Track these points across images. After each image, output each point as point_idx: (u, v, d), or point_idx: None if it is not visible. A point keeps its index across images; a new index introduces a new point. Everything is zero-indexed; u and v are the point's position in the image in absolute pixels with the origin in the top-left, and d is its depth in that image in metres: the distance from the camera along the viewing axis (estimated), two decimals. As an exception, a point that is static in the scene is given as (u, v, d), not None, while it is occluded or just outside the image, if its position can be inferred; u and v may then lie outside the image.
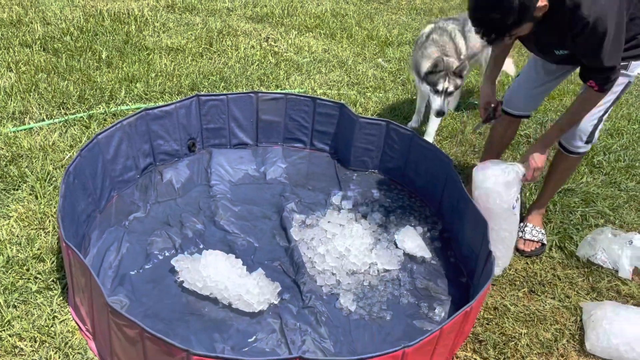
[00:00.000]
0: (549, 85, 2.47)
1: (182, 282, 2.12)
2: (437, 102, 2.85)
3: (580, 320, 2.15)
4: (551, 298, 2.25)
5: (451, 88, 2.81)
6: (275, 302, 2.09)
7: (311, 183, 2.83)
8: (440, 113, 2.82)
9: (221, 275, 2.08)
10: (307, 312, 2.06)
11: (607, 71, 1.97)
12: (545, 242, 2.51)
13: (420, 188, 2.76)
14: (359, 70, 4.05)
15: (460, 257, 2.37)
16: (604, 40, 1.86)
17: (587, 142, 2.32)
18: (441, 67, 2.75)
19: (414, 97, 3.74)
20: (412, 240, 2.41)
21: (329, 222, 2.48)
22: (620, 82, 2.14)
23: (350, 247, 2.34)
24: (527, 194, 2.85)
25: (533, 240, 2.51)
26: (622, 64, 2.02)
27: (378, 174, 2.93)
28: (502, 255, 2.31)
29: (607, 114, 2.26)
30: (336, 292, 2.18)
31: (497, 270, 2.34)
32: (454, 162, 3.06)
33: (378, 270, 2.30)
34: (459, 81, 2.82)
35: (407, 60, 4.29)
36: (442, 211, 2.61)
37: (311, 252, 2.33)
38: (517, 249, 2.48)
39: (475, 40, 3.11)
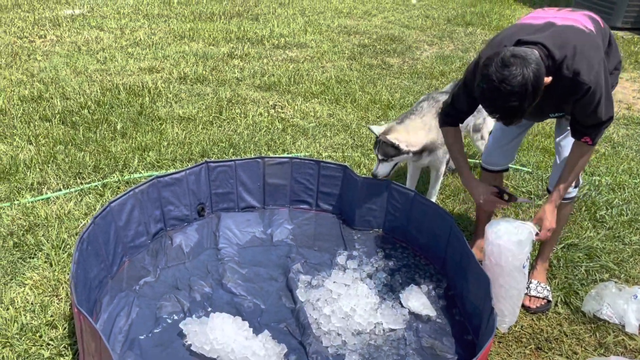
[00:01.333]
0: (520, 138, 2.64)
1: (190, 345, 2.16)
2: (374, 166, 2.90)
3: (589, 376, 2.13)
4: (558, 355, 2.24)
5: (380, 156, 2.82)
6: (282, 364, 2.11)
7: (317, 243, 2.90)
8: (373, 175, 2.87)
9: (228, 337, 2.12)
10: (313, 373, 2.07)
11: (604, 124, 2.10)
12: (550, 298, 2.52)
13: (424, 246, 2.80)
14: (362, 132, 4.19)
15: (466, 315, 2.38)
16: (601, 100, 2.01)
17: (576, 187, 2.42)
18: (375, 135, 2.86)
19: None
20: (417, 298, 2.44)
21: (334, 282, 2.52)
22: None
23: (356, 307, 2.37)
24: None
25: (538, 297, 2.52)
26: None
27: (382, 233, 2.99)
28: (509, 313, 2.32)
29: None
30: (342, 352, 2.19)
31: (504, 328, 2.34)
32: (457, 220, 3.12)
33: (384, 330, 2.31)
34: (390, 150, 2.78)
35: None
36: (446, 268, 2.64)
37: (317, 313, 2.36)
38: (523, 306, 2.49)
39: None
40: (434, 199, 3.11)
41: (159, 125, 4.04)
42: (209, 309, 2.37)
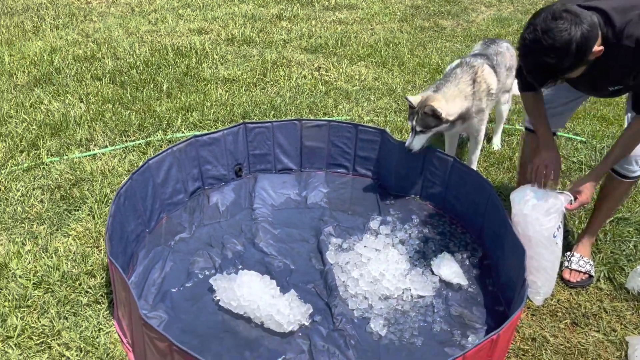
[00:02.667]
0: (572, 105, 2.45)
1: (219, 300, 2.21)
2: (409, 137, 2.73)
3: (626, 355, 2.03)
4: (595, 331, 2.15)
5: (420, 128, 2.66)
6: (306, 324, 2.13)
7: (351, 207, 2.87)
8: (407, 149, 2.71)
9: (254, 295, 2.15)
10: (336, 334, 2.08)
11: None
12: (593, 273, 2.40)
13: (461, 214, 2.72)
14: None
15: (499, 285, 2.31)
16: None
17: None
18: (411, 105, 2.66)
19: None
20: (449, 266, 2.39)
21: (365, 246, 2.50)
22: None
23: (385, 271, 2.34)
24: (576, 222, 2.74)
25: (580, 271, 2.40)
26: None
27: (419, 200, 2.92)
28: (542, 284, 2.23)
29: None
30: (367, 316, 2.18)
31: (538, 300, 2.26)
32: (498, 189, 3.00)
33: (411, 296, 2.28)
34: (430, 121, 2.63)
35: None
36: (482, 238, 2.56)
37: (345, 276, 2.36)
38: (562, 279, 2.39)
39: (506, 77, 3.05)
40: (474, 166, 2.99)
41: (204, 86, 4.08)
42: (240, 267, 2.42)
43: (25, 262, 2.35)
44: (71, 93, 3.87)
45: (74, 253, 2.43)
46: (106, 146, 3.27)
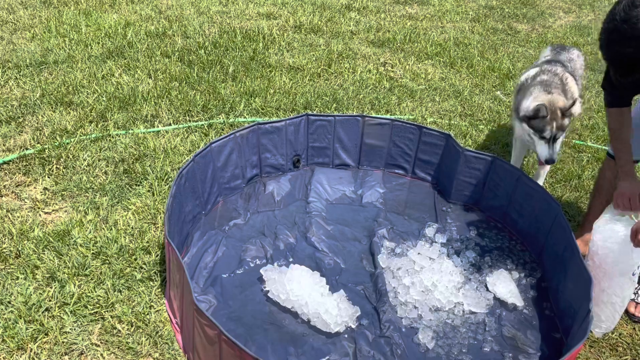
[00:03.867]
0: None
1: (268, 291, 2.21)
2: (543, 149, 2.52)
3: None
4: (658, 373, 2.02)
5: (560, 134, 2.51)
6: (353, 326, 2.10)
7: (407, 211, 2.81)
8: (549, 161, 2.55)
9: (303, 291, 2.14)
10: (383, 341, 2.04)
11: None
12: None
13: (523, 231, 2.62)
14: (474, 101, 3.95)
15: (557, 311, 2.21)
16: None
17: None
18: (544, 113, 2.47)
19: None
20: (505, 284, 2.30)
21: (418, 253, 2.45)
22: None
23: (438, 282, 2.28)
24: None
25: None
26: None
27: (479, 211, 2.83)
28: (606, 319, 2.12)
29: None
30: (416, 326, 2.13)
31: (598, 333, 2.15)
32: (564, 208, 2.87)
33: (463, 311, 2.22)
34: (567, 121, 2.54)
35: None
36: (543, 258, 2.45)
37: (396, 282, 2.31)
38: (626, 312, 2.26)
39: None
40: (541, 181, 2.86)
41: (268, 72, 4.08)
42: (290, 259, 2.41)
43: (86, 231, 2.43)
44: (141, 68, 3.96)
45: (132, 227, 2.49)
46: (170, 124, 3.32)
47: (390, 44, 4.88)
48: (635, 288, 2.30)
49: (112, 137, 3.11)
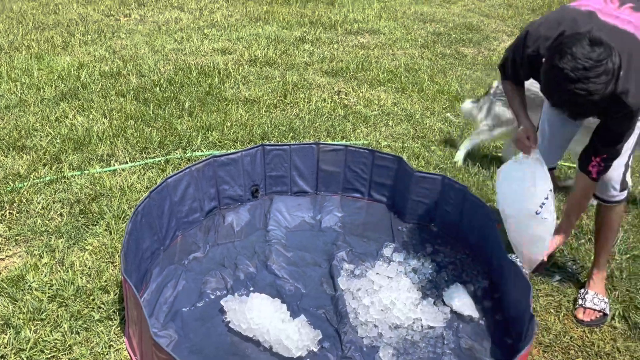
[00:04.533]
0: (570, 138, 2.49)
1: (229, 322, 2.22)
2: None
3: (640, 399, 1.98)
4: (608, 372, 2.11)
5: None
6: (315, 350, 2.12)
7: (365, 233, 2.87)
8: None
9: (264, 318, 2.16)
10: (344, 362, 2.07)
11: (613, 154, 2.02)
12: (607, 311, 2.36)
13: (474, 245, 2.71)
14: (425, 123, 4.09)
15: (509, 318, 2.28)
16: (630, 126, 1.94)
17: (622, 190, 2.28)
18: None
19: (481, 151, 3.71)
20: (460, 298, 2.37)
21: (377, 273, 2.50)
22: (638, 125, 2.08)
23: (396, 300, 2.33)
24: (587, 258, 2.70)
25: (594, 309, 2.36)
26: None
27: (433, 228, 2.91)
28: (526, 260, 2.27)
29: (631, 159, 2.26)
30: (377, 344, 2.17)
31: (526, 274, 2.25)
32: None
33: (422, 326, 2.27)
34: None
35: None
36: (492, 270, 2.54)
37: (356, 303, 2.35)
38: (575, 318, 2.35)
39: None
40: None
41: (225, 106, 4.14)
42: (251, 289, 2.43)
43: (41, 275, 2.40)
44: (95, 108, 3.97)
45: (89, 268, 2.47)
46: (127, 162, 3.33)
47: (344, 73, 5.03)
48: (581, 292, 2.41)
49: (67, 179, 3.10)
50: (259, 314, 2.17)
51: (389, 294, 2.36)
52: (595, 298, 2.38)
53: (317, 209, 3.05)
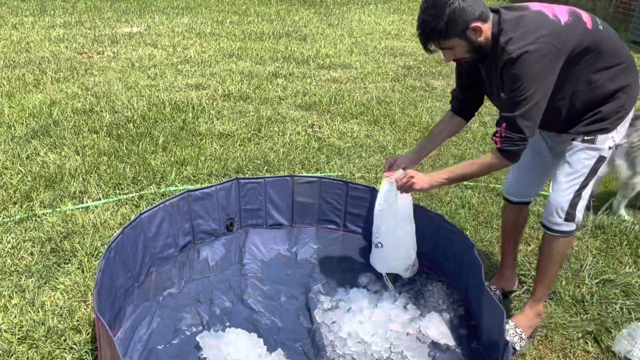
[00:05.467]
0: (542, 170, 2.45)
1: (205, 358, 2.19)
2: None
3: (614, 422, 2.01)
4: (583, 396, 2.13)
5: None
6: (293, 384, 2.10)
7: (341, 265, 2.89)
8: None
9: (241, 354, 2.14)
10: (323, 396, 2.06)
11: (514, 120, 1.96)
12: (517, 347, 2.29)
13: (449, 272, 2.74)
14: (398, 154, 4.16)
15: (484, 346, 2.31)
16: (522, 78, 1.92)
17: (567, 220, 2.17)
18: None
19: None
20: (437, 327, 2.38)
21: (353, 304, 2.50)
22: (590, 156, 2.11)
23: (374, 332, 2.34)
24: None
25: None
26: (587, 137, 2.11)
27: (408, 258, 2.94)
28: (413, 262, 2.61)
29: (586, 190, 2.16)
30: (355, 377, 2.16)
31: (407, 274, 2.63)
32: (487, 249, 3.04)
33: (401, 357, 2.27)
34: None
35: (448, 145, 4.37)
36: (468, 297, 2.57)
37: (333, 335, 2.35)
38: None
39: None
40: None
41: (199, 141, 4.16)
42: (227, 324, 2.41)
43: (11, 316, 2.34)
44: (67, 145, 3.94)
45: (61, 307, 2.41)
46: (99, 199, 3.30)
47: (317, 106, 5.11)
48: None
49: (38, 217, 3.05)
50: (235, 349, 2.15)
51: (366, 325, 2.36)
52: (511, 330, 2.33)
53: (292, 241, 3.06)
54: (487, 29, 1.99)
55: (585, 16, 2.07)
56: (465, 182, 3.82)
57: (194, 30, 7.87)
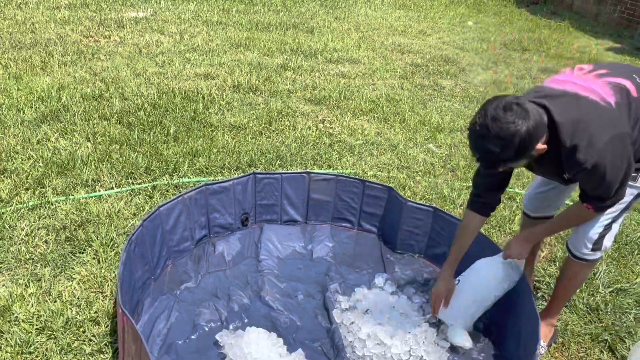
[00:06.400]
0: (563, 188, 2.40)
1: (225, 357, 2.18)
2: None
3: None
4: (600, 405, 2.15)
5: None
6: (314, 384, 2.11)
7: (356, 263, 2.89)
8: None
9: (262, 353, 2.13)
10: (344, 397, 2.06)
11: (608, 202, 1.99)
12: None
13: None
14: (409, 154, 4.17)
15: (506, 351, 2.32)
16: (604, 179, 1.89)
17: (594, 250, 2.19)
18: None
19: (464, 184, 3.79)
20: (455, 330, 2.39)
21: (371, 305, 2.50)
22: (629, 193, 2.09)
23: (392, 333, 2.34)
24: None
25: None
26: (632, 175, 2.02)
27: (424, 259, 2.95)
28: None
29: (616, 223, 2.17)
30: (375, 378, 2.17)
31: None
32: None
33: (421, 358, 2.28)
34: None
35: (458, 146, 4.38)
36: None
37: (352, 336, 2.35)
38: None
39: None
40: None
41: (210, 132, 4.13)
42: (246, 320, 2.40)
43: (28, 305, 2.32)
44: (78, 132, 3.89)
45: (78, 298, 2.40)
46: (112, 188, 3.27)
47: (327, 101, 5.08)
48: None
49: (52, 204, 3.02)
50: (257, 349, 2.14)
51: (386, 327, 2.36)
52: None
53: (307, 238, 3.05)
54: (545, 139, 1.90)
55: (628, 84, 2.01)
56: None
57: (200, 18, 7.78)
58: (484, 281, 2.35)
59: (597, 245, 2.18)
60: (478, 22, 9.32)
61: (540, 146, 1.87)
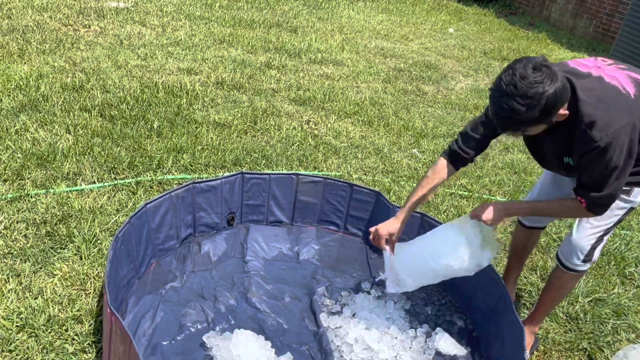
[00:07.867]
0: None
1: (212, 358, 2.15)
2: None
3: None
4: (581, 413, 2.21)
5: None
6: (302, 388, 2.10)
7: (342, 267, 2.89)
8: None
9: (250, 356, 2.12)
10: (332, 401, 2.06)
11: (602, 198, 1.94)
12: None
13: (451, 282, 2.77)
14: (393, 158, 4.19)
15: (492, 357, 2.35)
16: (608, 167, 1.87)
17: (584, 261, 2.21)
18: None
19: (447, 190, 3.83)
20: (442, 337, 2.41)
21: (358, 310, 2.51)
22: (621, 206, 2.11)
23: (379, 338, 2.35)
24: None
25: None
26: (625, 189, 2.03)
27: (408, 265, 2.97)
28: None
29: (608, 235, 2.20)
30: (362, 383, 2.17)
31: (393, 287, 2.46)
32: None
33: (405, 365, 2.29)
34: None
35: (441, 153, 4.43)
36: (472, 309, 2.62)
37: (339, 340, 2.35)
38: None
39: None
40: None
41: (195, 129, 4.07)
42: (232, 322, 2.38)
43: (8, 301, 2.24)
44: (58, 123, 3.79)
45: (60, 295, 2.33)
46: (94, 182, 3.19)
47: (311, 102, 5.07)
48: None
49: (31, 197, 2.93)
50: (245, 351, 2.12)
51: (373, 332, 2.37)
52: None
53: (293, 240, 3.04)
54: (566, 107, 1.88)
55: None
56: (459, 192, 3.88)
57: (182, 12, 7.67)
58: (440, 240, 2.32)
59: (588, 256, 2.21)
60: (459, 30, 9.45)
61: (563, 111, 1.84)
